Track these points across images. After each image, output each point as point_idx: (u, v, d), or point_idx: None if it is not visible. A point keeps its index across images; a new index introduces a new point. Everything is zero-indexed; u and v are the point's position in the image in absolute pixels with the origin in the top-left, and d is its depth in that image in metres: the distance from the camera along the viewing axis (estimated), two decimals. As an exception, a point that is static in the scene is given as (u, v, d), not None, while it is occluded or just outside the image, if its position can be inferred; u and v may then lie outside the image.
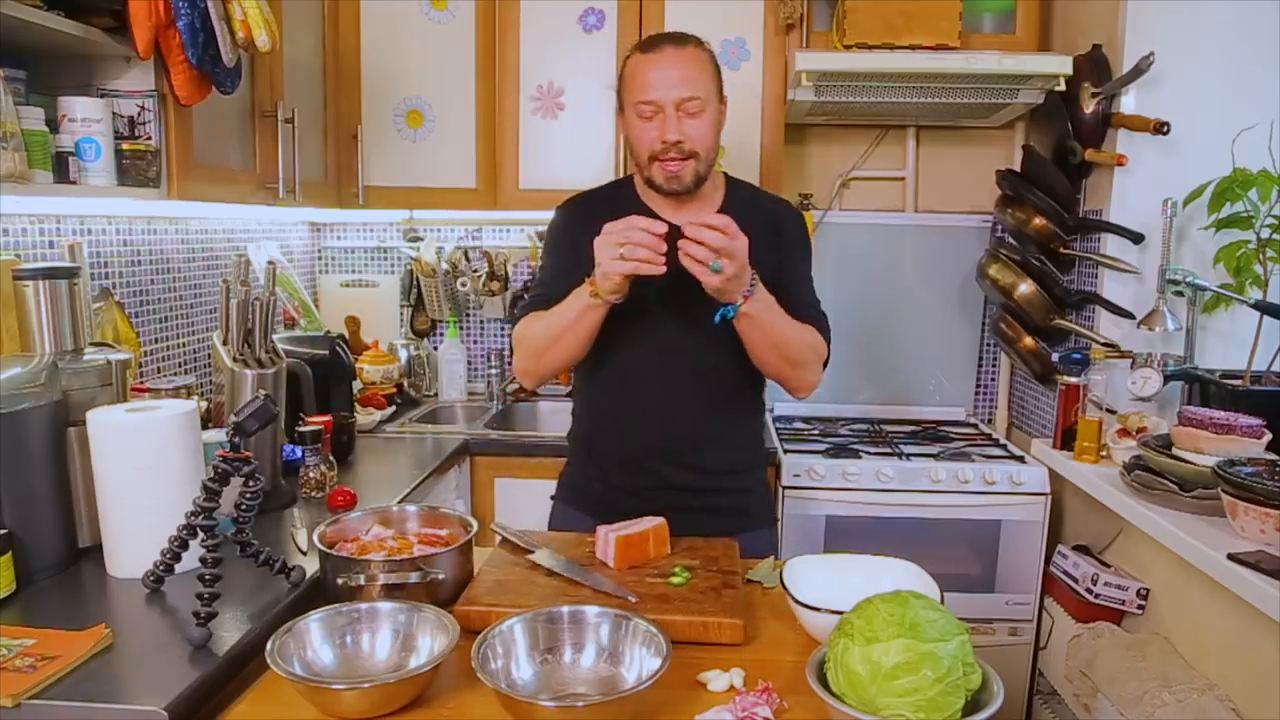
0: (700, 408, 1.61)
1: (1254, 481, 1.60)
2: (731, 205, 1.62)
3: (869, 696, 0.92)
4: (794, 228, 1.69)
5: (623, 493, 1.61)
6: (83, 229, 1.86)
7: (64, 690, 1.03)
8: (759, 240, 1.55)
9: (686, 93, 1.50)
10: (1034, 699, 2.42)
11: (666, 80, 1.50)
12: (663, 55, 1.52)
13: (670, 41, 1.55)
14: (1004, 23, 2.53)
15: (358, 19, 2.50)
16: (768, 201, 1.72)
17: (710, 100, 1.54)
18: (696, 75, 1.53)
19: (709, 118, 1.54)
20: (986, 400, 3.02)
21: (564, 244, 1.66)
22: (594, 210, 1.60)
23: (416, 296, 3.00)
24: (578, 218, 1.64)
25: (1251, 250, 2.05)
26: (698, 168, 1.54)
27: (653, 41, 1.56)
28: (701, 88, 1.52)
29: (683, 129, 1.51)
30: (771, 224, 1.64)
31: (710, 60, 1.57)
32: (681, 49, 1.54)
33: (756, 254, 1.53)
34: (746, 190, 1.71)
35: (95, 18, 1.50)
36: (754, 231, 1.54)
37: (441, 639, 1.08)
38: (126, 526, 1.34)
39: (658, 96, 1.51)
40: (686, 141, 1.51)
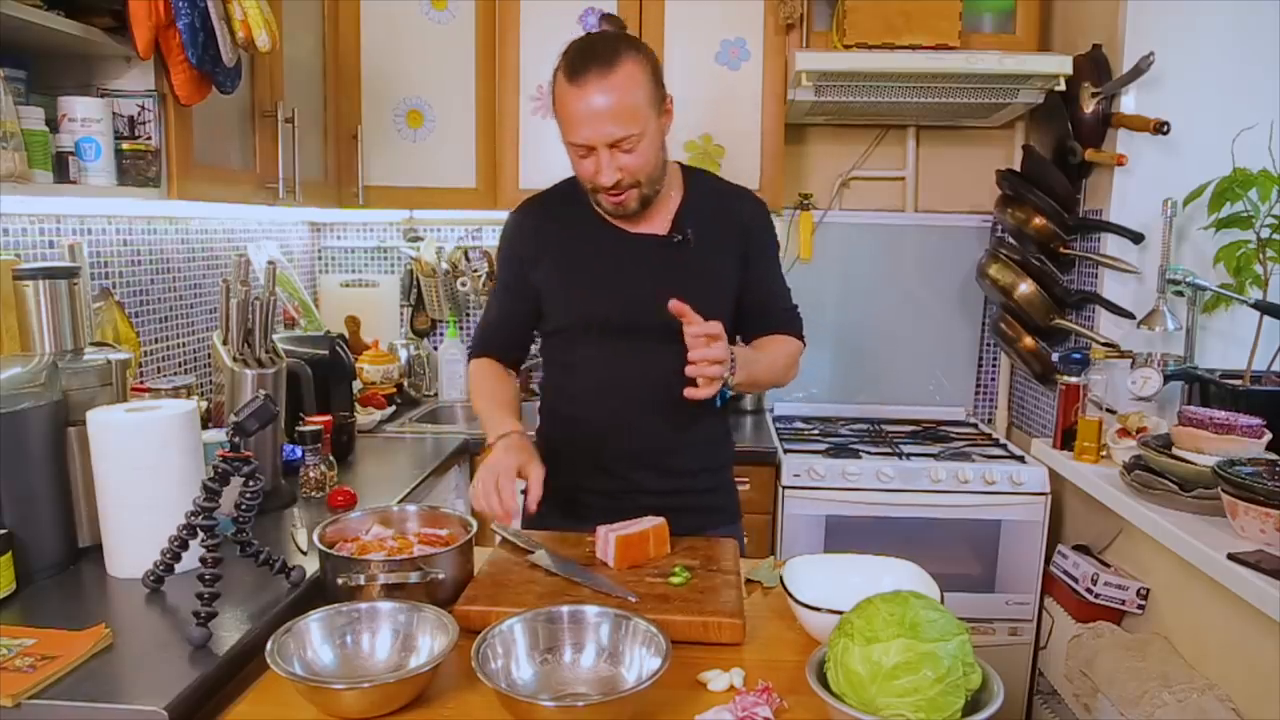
0: (667, 415, 1.56)
1: (1254, 481, 1.60)
2: (691, 205, 1.57)
3: (869, 696, 0.92)
4: (759, 225, 1.62)
5: (593, 494, 1.59)
6: (83, 229, 1.86)
7: (64, 690, 1.03)
8: (724, 243, 1.57)
9: (617, 134, 1.39)
10: (1034, 699, 2.42)
11: (596, 118, 1.38)
12: (590, 86, 1.37)
13: (597, 65, 1.38)
14: (1004, 23, 2.53)
15: (358, 19, 2.50)
16: (730, 198, 1.62)
17: (648, 125, 1.42)
18: (628, 106, 1.38)
19: (648, 144, 1.43)
20: (986, 400, 3.02)
21: (509, 254, 1.63)
22: (547, 217, 1.59)
23: (416, 296, 3.00)
24: (530, 227, 1.61)
25: (1251, 250, 2.05)
26: (642, 193, 1.48)
27: (578, 65, 1.39)
28: (635, 119, 1.39)
29: (619, 165, 1.42)
30: (735, 224, 1.59)
31: (645, 70, 1.42)
32: (609, 74, 1.37)
33: (722, 258, 1.56)
34: (705, 184, 1.63)
35: (95, 18, 1.50)
36: (718, 233, 1.57)
37: (441, 639, 1.08)
38: (126, 526, 1.34)
39: (586, 139, 1.40)
40: (625, 177, 1.44)
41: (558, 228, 1.58)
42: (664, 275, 1.53)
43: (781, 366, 1.60)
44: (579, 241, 1.57)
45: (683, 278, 1.52)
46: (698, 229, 1.55)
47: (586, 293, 1.56)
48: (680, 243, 1.54)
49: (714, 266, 1.56)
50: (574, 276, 1.57)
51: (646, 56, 1.44)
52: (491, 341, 1.68)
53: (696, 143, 2.57)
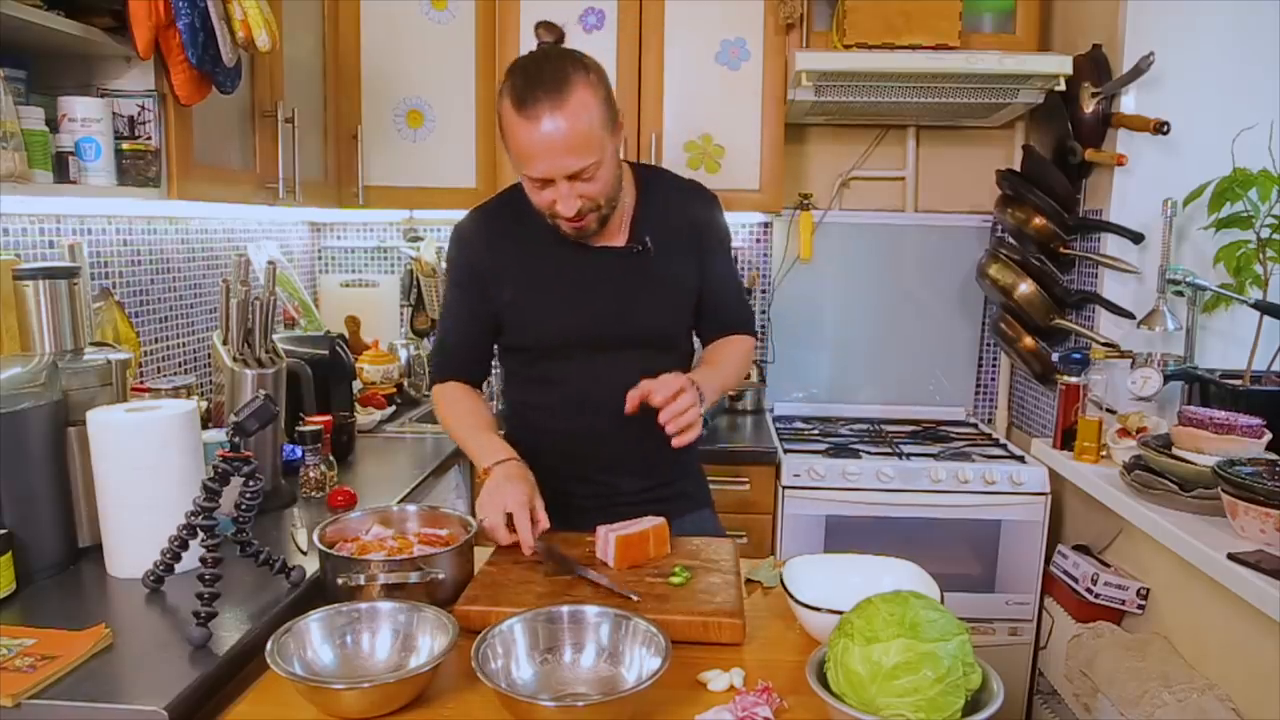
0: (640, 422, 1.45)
1: (1254, 481, 1.60)
2: (647, 210, 1.54)
3: (869, 696, 0.92)
4: (708, 221, 1.60)
5: (571, 497, 1.57)
6: (83, 229, 1.86)
7: (64, 690, 1.03)
8: (681, 245, 1.56)
9: (575, 165, 1.34)
10: (1034, 699, 2.42)
11: (551, 152, 1.32)
12: (541, 121, 1.30)
13: (547, 94, 1.30)
14: (1004, 23, 2.54)
15: (358, 19, 2.50)
16: (681, 197, 1.59)
17: (604, 151, 1.36)
18: (583, 135, 1.32)
19: (605, 169, 1.38)
20: (986, 400, 3.02)
21: (463, 272, 1.57)
22: (502, 231, 1.53)
23: (416, 296, 3.00)
24: (483, 240, 1.55)
25: (1251, 250, 2.05)
26: (602, 214, 1.44)
27: (526, 96, 1.31)
28: (590, 148, 1.34)
29: (579, 192, 1.37)
30: (688, 223, 1.57)
31: (595, 95, 1.34)
32: (561, 104, 1.30)
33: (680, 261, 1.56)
34: (658, 184, 1.59)
35: (95, 18, 1.50)
36: (675, 236, 1.55)
37: (441, 639, 1.08)
38: (126, 526, 1.34)
39: (544, 172, 1.35)
40: (586, 204, 1.39)
41: (513, 244, 1.53)
42: (627, 287, 1.52)
43: (737, 371, 1.62)
44: (538, 260, 1.52)
45: (645, 287, 1.52)
46: (655, 234, 1.53)
47: (551, 313, 1.53)
48: (640, 252, 1.52)
49: (674, 272, 1.55)
50: (537, 297, 1.53)
51: (596, 76, 1.37)
52: (454, 363, 1.62)
53: (696, 143, 2.57)
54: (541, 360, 1.58)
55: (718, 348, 1.64)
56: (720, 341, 1.65)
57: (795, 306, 2.93)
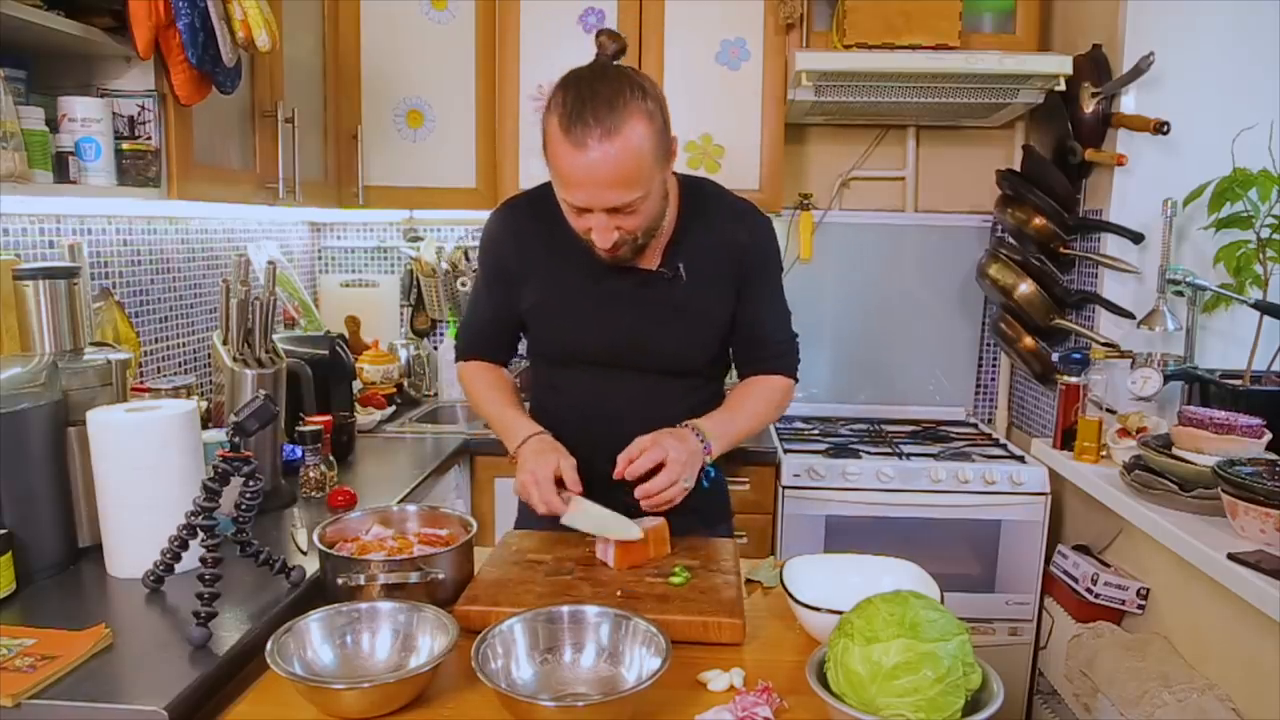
0: None
1: (1254, 481, 1.60)
2: (685, 233, 1.48)
3: (869, 696, 0.92)
4: (757, 251, 1.50)
5: None
6: (83, 229, 1.86)
7: (64, 690, 1.03)
8: (717, 274, 1.48)
9: (618, 201, 1.27)
10: (1034, 699, 2.42)
11: (595, 184, 1.25)
12: (588, 148, 1.23)
13: (598, 123, 1.22)
14: (1004, 23, 2.54)
15: (358, 19, 2.50)
16: (728, 221, 1.49)
17: (652, 184, 1.30)
18: (631, 171, 1.25)
19: (650, 203, 1.32)
20: (986, 400, 3.02)
21: (492, 263, 1.55)
22: (532, 230, 1.50)
23: (416, 296, 3.00)
24: (511, 238, 1.52)
25: (1251, 250, 2.05)
26: (640, 243, 1.38)
27: (576, 120, 1.23)
28: (638, 183, 1.26)
29: (618, 224, 1.31)
30: (732, 251, 1.48)
31: (650, 127, 1.26)
32: (612, 134, 1.22)
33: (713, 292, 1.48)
34: (704, 204, 1.50)
35: (95, 18, 1.50)
36: (712, 264, 1.48)
37: (441, 639, 1.08)
38: (126, 526, 1.34)
39: (585, 201, 1.29)
40: (623, 235, 1.34)
41: (542, 248, 1.49)
42: (650, 312, 1.47)
43: (763, 415, 1.54)
44: (564, 270, 1.48)
45: (669, 315, 1.47)
46: (690, 261, 1.47)
47: (570, 326, 1.51)
48: (670, 279, 1.46)
49: (703, 303, 1.48)
50: (557, 308, 1.51)
51: (654, 103, 1.28)
52: (478, 344, 1.63)
53: (696, 143, 2.57)
54: (557, 368, 1.57)
55: (744, 389, 1.55)
56: (751, 381, 1.56)
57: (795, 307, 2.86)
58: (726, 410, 1.51)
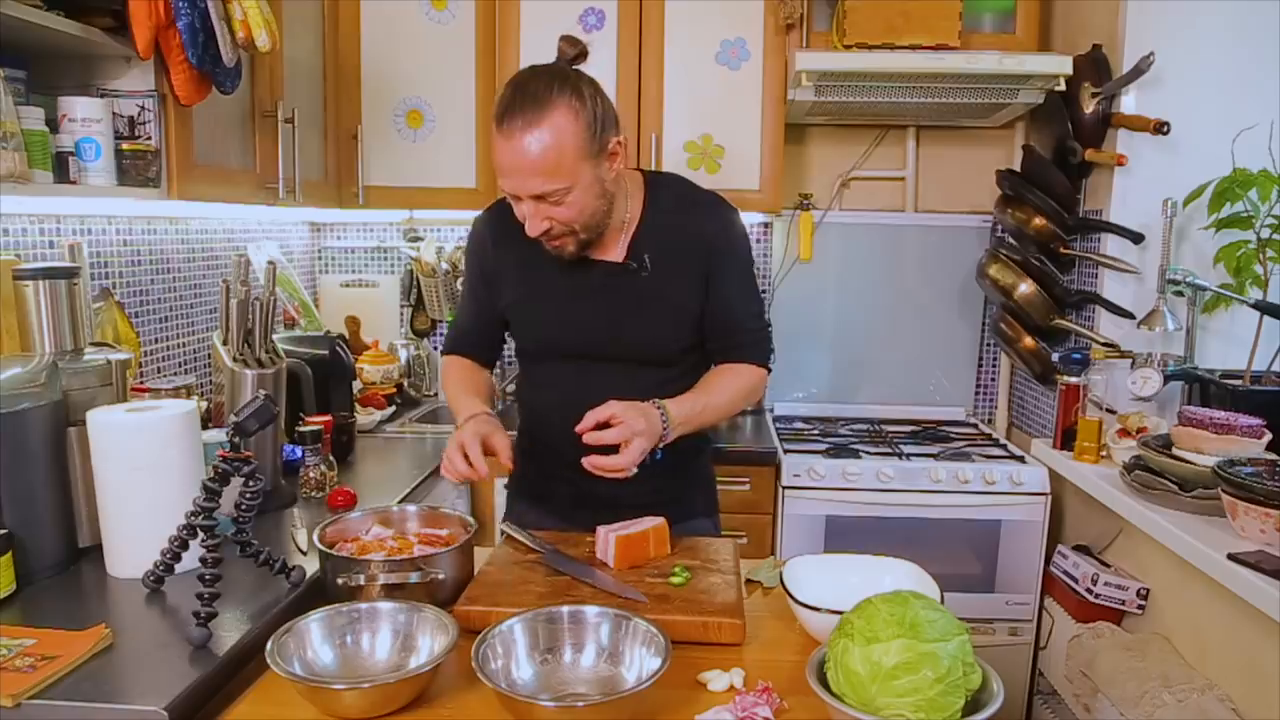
0: None
1: (1254, 481, 1.60)
2: (650, 226, 1.51)
3: (869, 696, 0.92)
4: (723, 240, 1.53)
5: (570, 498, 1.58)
6: (83, 229, 1.86)
7: (64, 690, 1.03)
8: (684, 265, 1.51)
9: (539, 188, 1.34)
10: (1034, 699, 2.42)
11: (518, 170, 1.33)
12: (514, 139, 1.31)
13: (523, 114, 1.30)
14: (1004, 23, 2.53)
15: (358, 19, 2.50)
16: (693, 212, 1.53)
17: (578, 177, 1.35)
18: (552, 161, 1.31)
19: (580, 195, 1.36)
20: (986, 400, 3.02)
21: (474, 264, 1.62)
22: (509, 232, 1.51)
23: (416, 296, 3.00)
24: (489, 239, 1.58)
25: (1251, 250, 2.05)
26: (580, 238, 1.42)
27: (505, 111, 1.32)
28: (560, 173, 1.32)
29: (546, 214, 1.37)
30: (697, 241, 1.51)
31: (576, 119, 1.32)
32: (534, 124, 1.30)
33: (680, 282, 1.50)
34: (669, 198, 1.54)
35: (95, 18, 1.50)
36: (678, 255, 1.50)
37: (441, 639, 1.08)
38: (126, 526, 1.34)
39: (511, 188, 1.37)
40: (555, 226, 1.39)
41: (516, 248, 1.51)
42: (618, 304, 1.50)
43: (731, 402, 1.55)
44: (536, 268, 1.52)
45: (637, 305, 1.50)
46: (656, 252, 1.50)
47: (545, 320, 1.55)
48: (635, 270, 1.50)
49: (671, 293, 1.51)
50: (530, 304, 1.55)
51: (584, 100, 1.34)
52: (462, 343, 1.67)
53: (696, 143, 2.57)
54: (537, 364, 1.61)
55: (714, 376, 1.56)
56: (722, 369, 1.57)
57: (795, 307, 2.93)
58: (695, 395, 1.50)
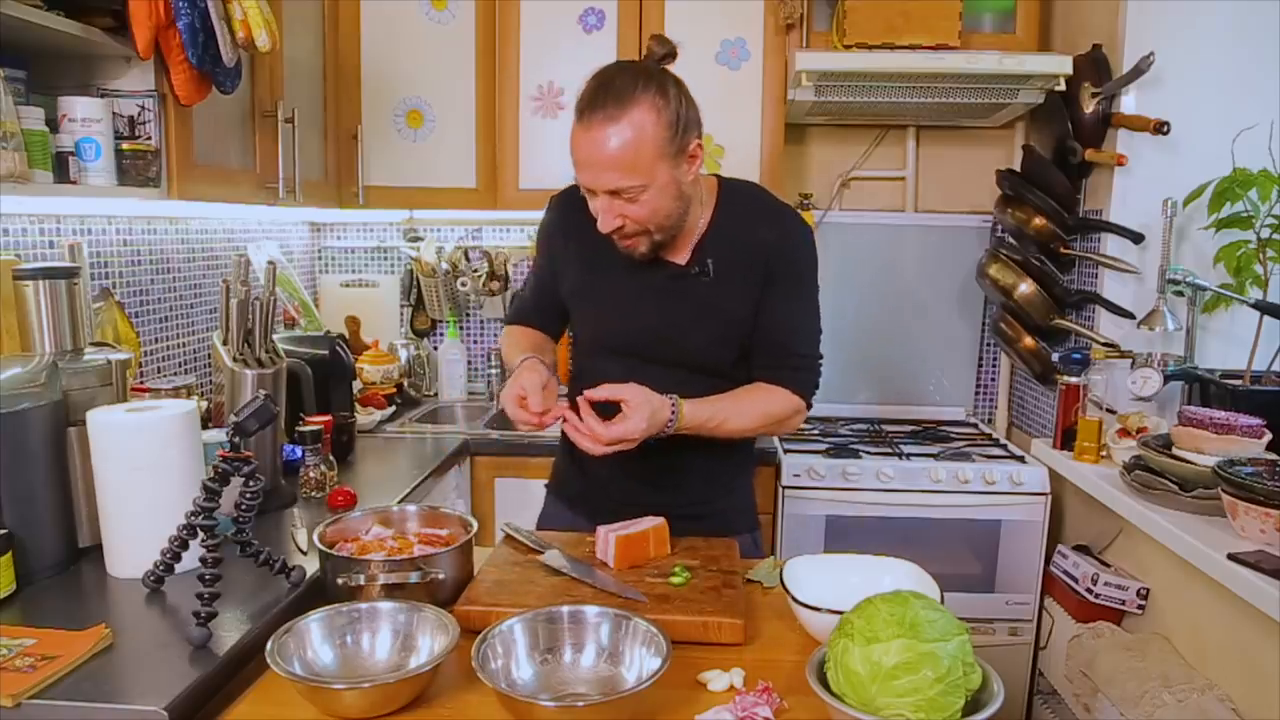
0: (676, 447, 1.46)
1: (1254, 481, 1.60)
2: (718, 231, 1.49)
3: (869, 696, 0.92)
4: (786, 262, 1.50)
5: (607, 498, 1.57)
6: (83, 229, 1.86)
7: (64, 690, 1.03)
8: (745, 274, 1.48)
9: (615, 184, 1.33)
10: (1034, 699, 2.42)
11: (595, 165, 1.33)
12: (594, 132, 1.31)
13: (605, 109, 1.30)
14: (1004, 23, 2.53)
15: (358, 19, 2.50)
16: (762, 222, 1.51)
17: (655, 177, 1.33)
18: (631, 158, 1.31)
19: (655, 195, 1.35)
20: (986, 400, 3.02)
21: (544, 246, 1.63)
22: (575, 221, 1.52)
23: (416, 296, 3.00)
24: (561, 217, 1.58)
25: (1251, 250, 2.05)
26: (654, 239, 1.42)
27: (588, 106, 1.32)
28: (637, 171, 1.31)
29: (621, 212, 1.36)
30: (761, 252, 1.48)
31: (657, 118, 1.32)
32: (615, 121, 1.29)
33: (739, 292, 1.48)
34: (740, 205, 1.52)
35: (95, 18, 1.50)
36: (740, 263, 1.48)
37: (441, 639, 1.08)
38: (126, 526, 1.34)
39: (587, 183, 1.37)
40: (628, 225, 1.38)
41: (585, 238, 1.50)
42: (675, 307, 1.49)
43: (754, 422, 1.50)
44: (600, 261, 1.51)
45: (696, 311, 1.49)
46: (720, 258, 1.48)
47: (598, 314, 1.56)
48: (697, 275, 1.48)
49: (728, 302, 1.49)
50: (589, 297, 1.56)
51: (668, 98, 1.34)
52: (525, 316, 1.68)
53: (696, 143, 2.57)
54: (591, 357, 1.60)
55: (748, 390, 1.52)
56: (759, 386, 1.52)
57: None
58: (716, 402, 1.46)
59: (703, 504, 1.59)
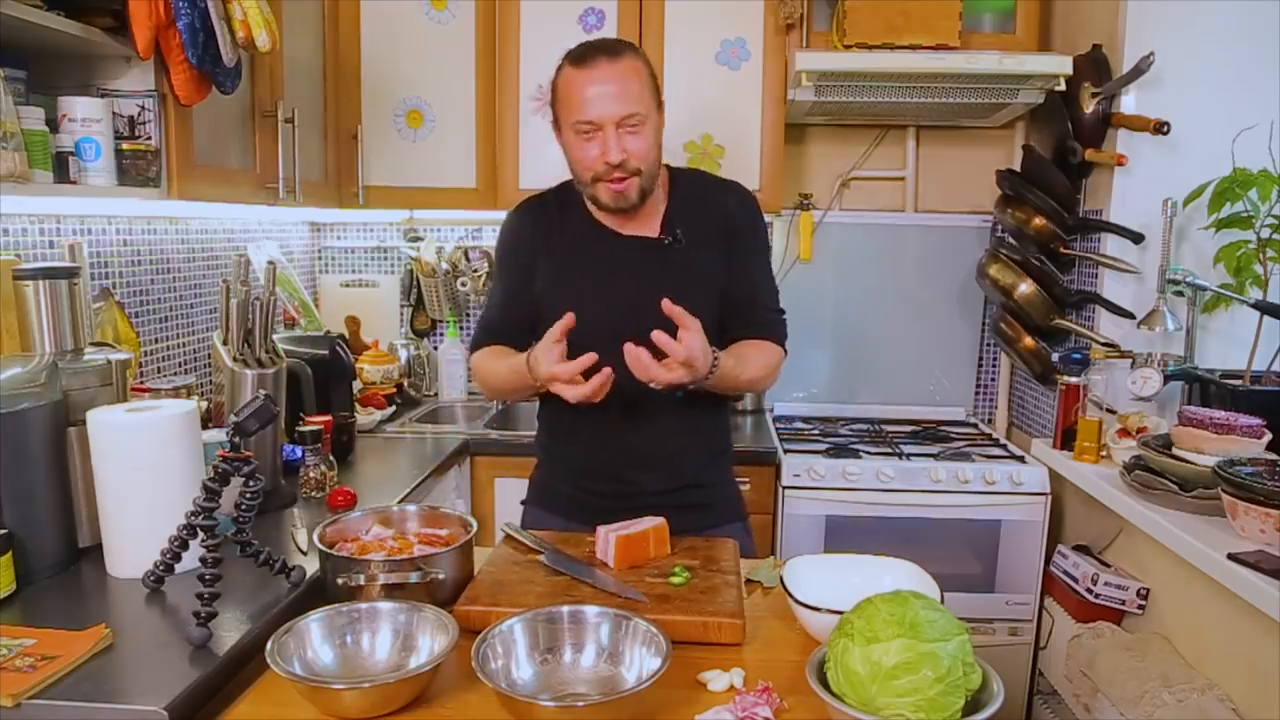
0: (666, 419, 1.57)
1: (1254, 481, 1.60)
2: (679, 204, 1.59)
3: (869, 696, 0.92)
4: (745, 219, 1.62)
5: (595, 495, 1.60)
6: (83, 229, 1.86)
7: (64, 690, 1.03)
8: (711, 239, 1.58)
9: (624, 110, 1.44)
10: (1034, 699, 2.42)
11: (603, 97, 1.44)
12: (597, 70, 1.44)
13: (604, 53, 1.46)
14: (1004, 22, 2.53)
15: (358, 19, 2.50)
16: (716, 192, 1.64)
17: (650, 113, 1.48)
18: (635, 90, 1.45)
19: (649, 131, 1.48)
20: (986, 400, 3.02)
21: (510, 261, 1.64)
22: (544, 220, 1.60)
23: (416, 296, 3.00)
24: (527, 227, 1.63)
25: (1251, 250, 2.05)
26: (642, 184, 1.50)
27: (585, 53, 1.47)
28: (640, 102, 1.46)
29: (625, 146, 1.46)
30: (721, 217, 1.59)
31: (646, 68, 1.50)
32: (616, 61, 1.45)
33: (710, 255, 1.57)
34: (693, 182, 1.65)
35: (95, 18, 1.50)
36: (705, 229, 1.58)
37: (441, 639, 1.08)
38: (126, 526, 1.34)
39: (595, 115, 1.44)
40: (630, 159, 1.47)
41: (552, 234, 1.60)
42: (657, 278, 1.53)
43: (759, 378, 1.59)
44: (573, 247, 1.59)
45: (675, 280, 1.52)
46: (687, 227, 1.57)
47: (581, 298, 1.54)
48: (671, 244, 1.56)
49: (703, 266, 1.57)
50: (567, 285, 1.58)
51: (645, 60, 1.51)
52: (495, 335, 1.66)
53: (696, 143, 2.57)
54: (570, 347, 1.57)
55: (745, 348, 1.58)
56: (748, 342, 1.59)
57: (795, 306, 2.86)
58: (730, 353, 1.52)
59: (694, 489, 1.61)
